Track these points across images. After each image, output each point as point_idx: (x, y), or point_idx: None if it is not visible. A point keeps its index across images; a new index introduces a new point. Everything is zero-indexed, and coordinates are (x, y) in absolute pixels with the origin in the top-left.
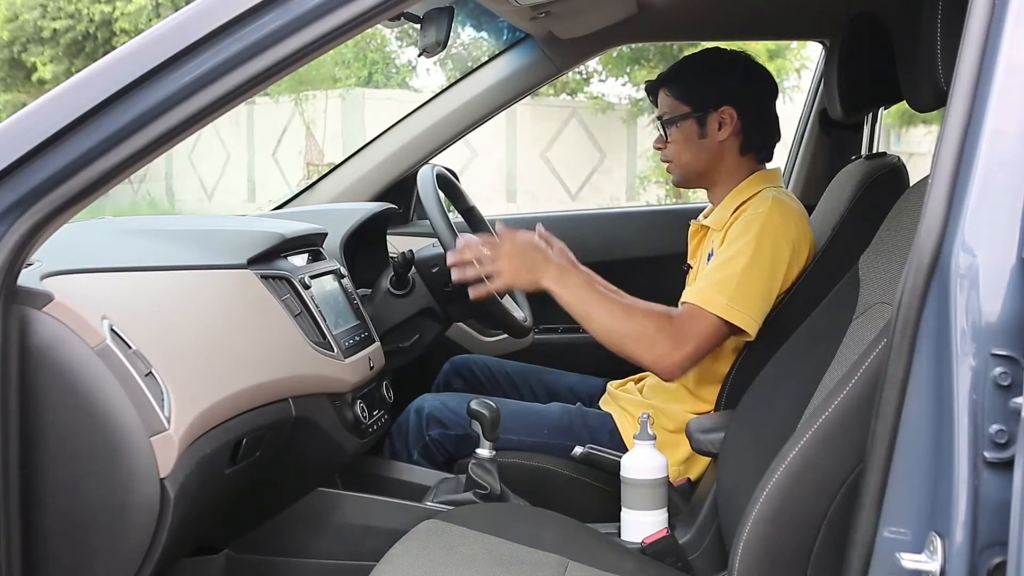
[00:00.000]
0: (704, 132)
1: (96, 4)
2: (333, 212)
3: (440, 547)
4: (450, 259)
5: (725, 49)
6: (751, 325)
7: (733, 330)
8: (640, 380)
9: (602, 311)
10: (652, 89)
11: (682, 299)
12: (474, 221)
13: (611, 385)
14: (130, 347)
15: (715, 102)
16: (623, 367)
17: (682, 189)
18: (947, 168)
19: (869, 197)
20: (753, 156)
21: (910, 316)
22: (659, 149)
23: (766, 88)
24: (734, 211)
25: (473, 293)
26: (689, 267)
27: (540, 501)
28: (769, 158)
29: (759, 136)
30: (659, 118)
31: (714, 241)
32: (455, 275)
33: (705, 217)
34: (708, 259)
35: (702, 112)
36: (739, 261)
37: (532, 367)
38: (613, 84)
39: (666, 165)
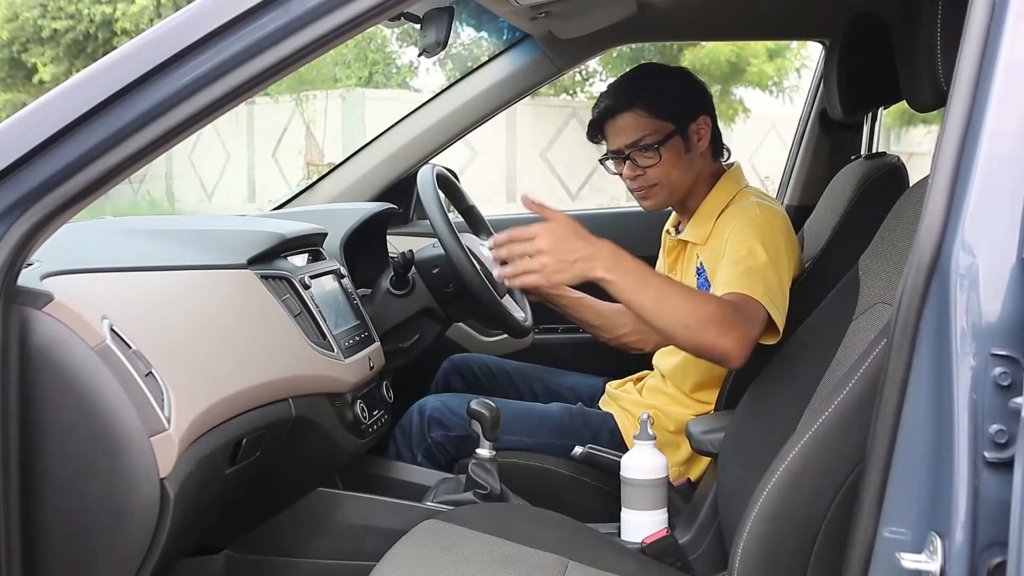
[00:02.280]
0: (689, 146)
1: (97, 5)
2: (333, 212)
3: (440, 547)
4: (493, 255)
5: (659, 63)
6: (781, 322)
7: (768, 325)
8: (639, 380)
9: (674, 297)
10: (614, 113)
11: (724, 289)
12: (474, 221)
13: (610, 386)
14: (130, 347)
15: (693, 114)
16: (622, 367)
17: None
18: (947, 168)
19: (869, 197)
20: (720, 158)
21: (910, 316)
22: (636, 178)
23: (708, 89)
24: (715, 220)
25: (516, 283)
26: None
27: (540, 501)
28: (729, 153)
29: (720, 138)
30: (631, 144)
31: (699, 256)
32: (496, 272)
33: (678, 231)
34: (698, 273)
35: (686, 126)
36: (758, 259)
37: (532, 366)
38: None
39: (641, 192)
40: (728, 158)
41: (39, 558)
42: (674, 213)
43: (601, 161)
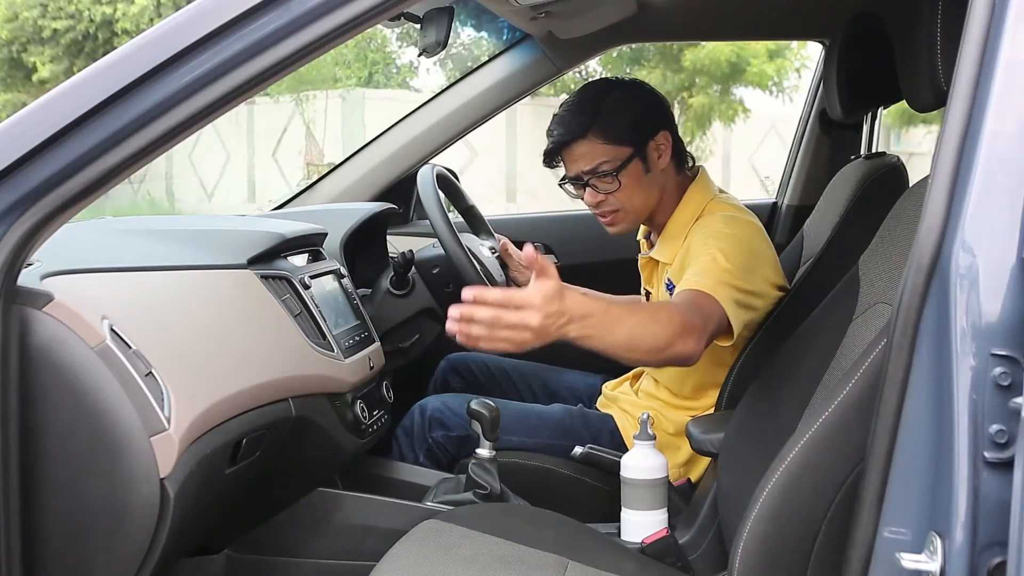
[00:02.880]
0: (648, 167)
1: (97, 5)
2: (333, 212)
3: (440, 547)
4: (452, 318)
5: (609, 79)
6: (737, 325)
7: (722, 326)
8: (636, 380)
9: (641, 325)
10: (568, 142)
11: (682, 287)
12: (474, 221)
13: (606, 387)
14: (130, 347)
15: (651, 131)
16: (619, 365)
17: None
18: (947, 168)
19: (869, 197)
20: (684, 170)
21: (910, 316)
22: (598, 204)
23: (665, 99)
24: (684, 239)
25: (483, 347)
26: (648, 293)
27: (540, 501)
28: (693, 161)
29: (683, 148)
30: (589, 172)
31: (668, 273)
32: (460, 336)
33: (650, 247)
34: (668, 287)
35: (644, 146)
36: (718, 265)
37: (531, 364)
38: None
39: (606, 217)
40: (692, 165)
41: (39, 558)
42: (642, 228)
43: (560, 184)
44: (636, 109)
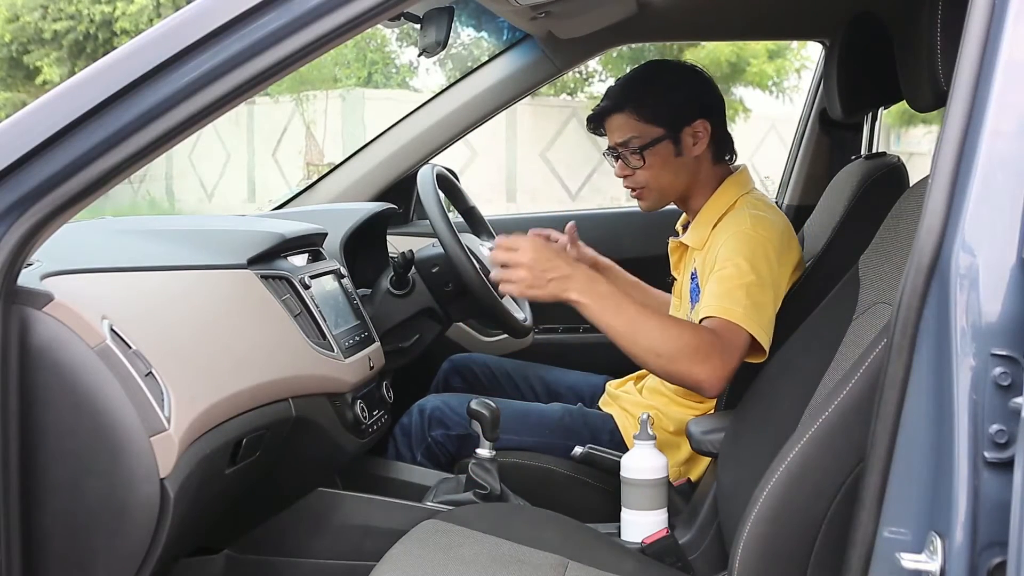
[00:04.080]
0: (680, 150)
1: (97, 5)
2: (333, 212)
3: (440, 547)
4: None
5: (668, 60)
6: (767, 342)
7: (755, 346)
8: (640, 380)
9: (648, 325)
10: (606, 113)
11: (705, 313)
12: (474, 221)
13: (610, 385)
14: (130, 347)
15: (688, 118)
16: (622, 366)
17: None
18: (947, 168)
19: (869, 197)
20: (724, 161)
21: (910, 316)
22: (625, 177)
23: (718, 90)
24: (712, 227)
25: (503, 289)
26: (673, 279)
27: (540, 501)
28: (735, 155)
29: (727, 140)
30: (622, 144)
31: (696, 260)
32: (494, 274)
33: (682, 232)
34: (692, 277)
35: (678, 131)
36: (744, 278)
37: (532, 365)
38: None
39: (634, 192)
40: (734, 160)
41: (39, 558)
42: (683, 215)
43: (604, 154)
44: (678, 94)
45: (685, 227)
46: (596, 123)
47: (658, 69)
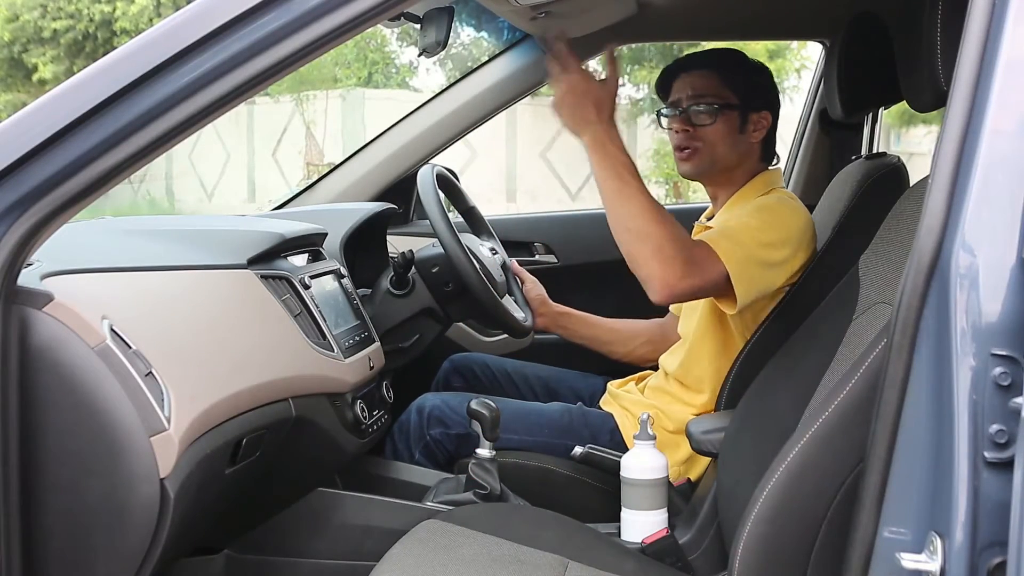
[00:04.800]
0: (744, 128)
1: (96, 4)
2: (333, 212)
3: (440, 547)
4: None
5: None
6: (742, 299)
7: (724, 292)
8: (641, 380)
9: (634, 199)
10: (694, 66)
11: (701, 236)
12: (474, 221)
13: (612, 385)
14: (130, 347)
15: (760, 104)
16: (623, 366)
17: (681, 189)
18: (947, 168)
19: (869, 197)
20: (766, 161)
21: (910, 316)
22: (682, 131)
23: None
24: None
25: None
26: None
27: (540, 501)
28: (777, 159)
29: (773, 144)
30: (697, 98)
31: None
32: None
33: (708, 219)
34: None
35: (749, 109)
36: (746, 230)
37: (532, 365)
38: None
39: (683, 152)
40: (777, 163)
41: (39, 558)
42: (710, 207)
43: (658, 113)
44: (759, 79)
45: (709, 219)
46: (670, 76)
47: (743, 55)
